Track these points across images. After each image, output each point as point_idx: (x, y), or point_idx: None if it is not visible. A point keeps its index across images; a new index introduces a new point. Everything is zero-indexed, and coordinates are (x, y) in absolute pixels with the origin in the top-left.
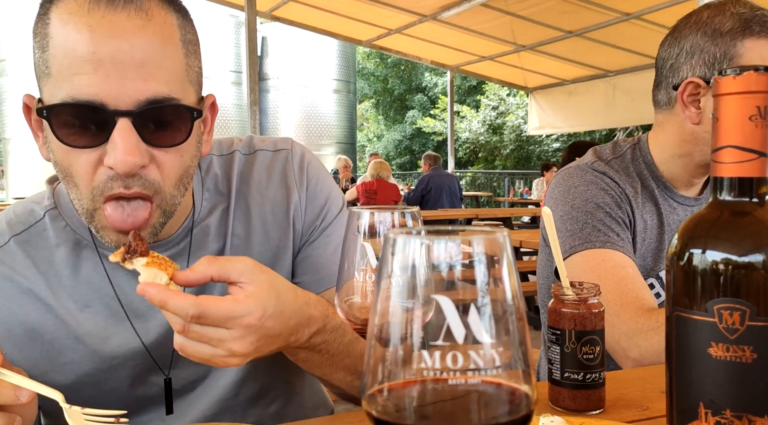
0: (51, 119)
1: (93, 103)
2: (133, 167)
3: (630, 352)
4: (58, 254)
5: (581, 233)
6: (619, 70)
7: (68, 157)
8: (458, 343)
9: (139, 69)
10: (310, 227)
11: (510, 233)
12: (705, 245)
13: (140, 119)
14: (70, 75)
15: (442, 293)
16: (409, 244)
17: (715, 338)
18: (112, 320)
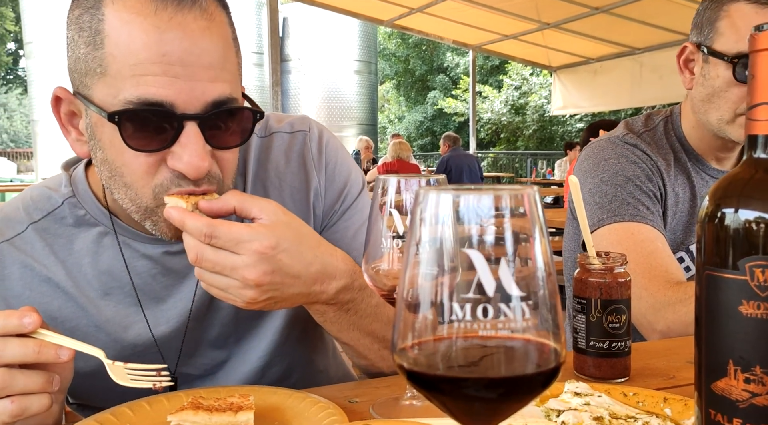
0: (121, 122)
1: (162, 106)
2: (204, 172)
3: (657, 325)
4: (77, 243)
5: (610, 206)
6: (646, 48)
7: (124, 157)
8: (488, 296)
9: (207, 71)
10: (329, 211)
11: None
12: (738, 203)
13: (206, 122)
14: (136, 76)
15: (472, 247)
16: (440, 200)
17: (746, 295)
18: (133, 308)
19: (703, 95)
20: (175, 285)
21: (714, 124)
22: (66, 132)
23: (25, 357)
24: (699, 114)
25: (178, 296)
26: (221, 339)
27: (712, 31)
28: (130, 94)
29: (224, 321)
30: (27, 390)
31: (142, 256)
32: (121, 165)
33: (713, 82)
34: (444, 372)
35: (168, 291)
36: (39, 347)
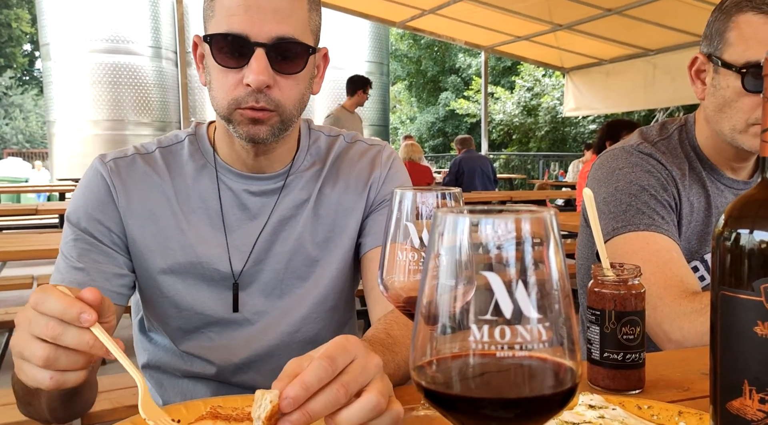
0: (212, 44)
1: (241, 36)
2: (263, 84)
3: (672, 335)
4: (187, 167)
5: (624, 215)
6: (659, 49)
7: (218, 76)
8: (506, 318)
9: (275, 14)
10: (381, 199)
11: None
12: (753, 225)
13: (271, 50)
14: (227, 16)
15: (490, 270)
16: (458, 223)
17: (761, 316)
18: (208, 228)
19: (715, 105)
20: (245, 221)
21: (727, 133)
22: (198, 68)
23: (79, 347)
24: (712, 124)
25: (245, 230)
26: (268, 288)
27: (721, 42)
28: (223, 28)
29: (276, 268)
30: (68, 368)
31: (227, 188)
32: (215, 82)
33: (724, 92)
34: (461, 391)
35: (239, 224)
36: (94, 342)
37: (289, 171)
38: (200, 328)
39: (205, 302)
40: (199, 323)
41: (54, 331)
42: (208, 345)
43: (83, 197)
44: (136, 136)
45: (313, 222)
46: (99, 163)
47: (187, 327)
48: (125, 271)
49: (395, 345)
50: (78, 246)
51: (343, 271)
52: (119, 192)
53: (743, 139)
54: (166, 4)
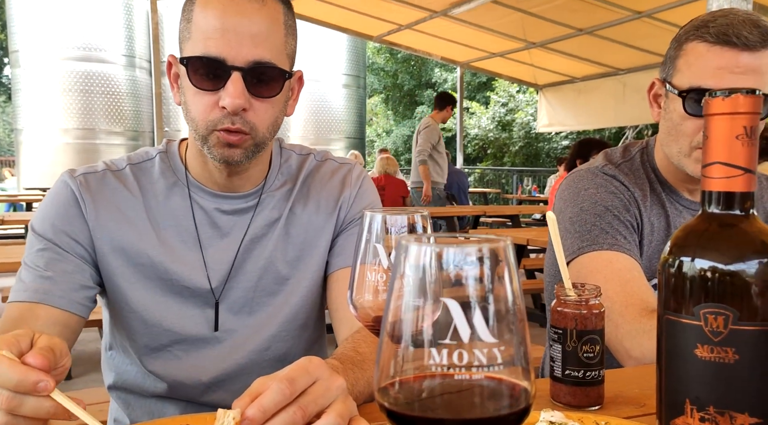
0: (188, 66)
1: (218, 59)
2: (239, 108)
3: (633, 351)
4: (158, 185)
5: (589, 234)
6: (629, 69)
7: (194, 98)
8: (464, 342)
9: (252, 38)
10: (350, 219)
11: (518, 232)
12: (694, 253)
13: (248, 74)
14: (204, 38)
15: (450, 296)
16: (420, 251)
17: (700, 340)
18: (180, 245)
19: (666, 129)
20: (216, 239)
21: (675, 156)
22: (172, 87)
23: (38, 415)
24: (664, 147)
25: (216, 248)
26: (237, 306)
27: (672, 68)
28: (200, 50)
29: (246, 286)
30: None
31: (199, 207)
32: (191, 103)
33: (672, 115)
34: (421, 413)
35: (210, 242)
36: (54, 408)
37: (261, 190)
38: (167, 346)
39: (174, 319)
40: (166, 340)
41: (11, 403)
42: (175, 363)
43: (51, 210)
44: (108, 145)
45: (284, 241)
46: (68, 177)
47: (154, 345)
48: (92, 284)
49: (364, 362)
50: (45, 256)
51: (313, 289)
52: (88, 206)
53: (687, 162)
54: (140, 13)
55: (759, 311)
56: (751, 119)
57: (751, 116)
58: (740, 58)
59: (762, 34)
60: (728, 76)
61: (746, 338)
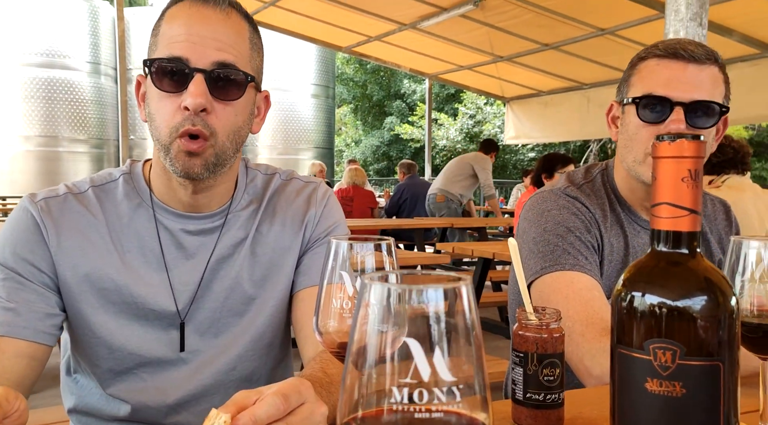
0: (152, 69)
1: (181, 59)
2: (200, 106)
3: (593, 370)
4: (122, 206)
5: (552, 255)
6: (593, 83)
7: (159, 104)
8: (425, 381)
9: (217, 42)
10: (316, 238)
11: (485, 245)
12: (644, 289)
13: (211, 76)
14: (169, 44)
15: (411, 336)
16: (382, 290)
17: (650, 374)
18: (145, 267)
19: (622, 142)
20: (182, 260)
21: (631, 167)
22: (139, 106)
23: None
24: (621, 160)
25: (182, 269)
26: (203, 327)
27: (626, 86)
28: (164, 54)
29: (212, 307)
30: None
31: (164, 227)
32: (155, 111)
33: (627, 127)
34: None
35: (176, 263)
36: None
37: (227, 210)
38: (132, 369)
39: (139, 342)
40: (131, 364)
41: None
42: (140, 386)
43: (11, 237)
44: (71, 153)
45: (250, 261)
46: (28, 202)
47: (118, 369)
48: (57, 311)
49: (332, 384)
50: (7, 285)
51: (279, 308)
52: (50, 232)
53: (641, 170)
54: (106, 19)
55: (704, 346)
56: (695, 162)
57: (695, 159)
58: (687, 69)
59: (707, 52)
60: (677, 84)
61: (692, 372)
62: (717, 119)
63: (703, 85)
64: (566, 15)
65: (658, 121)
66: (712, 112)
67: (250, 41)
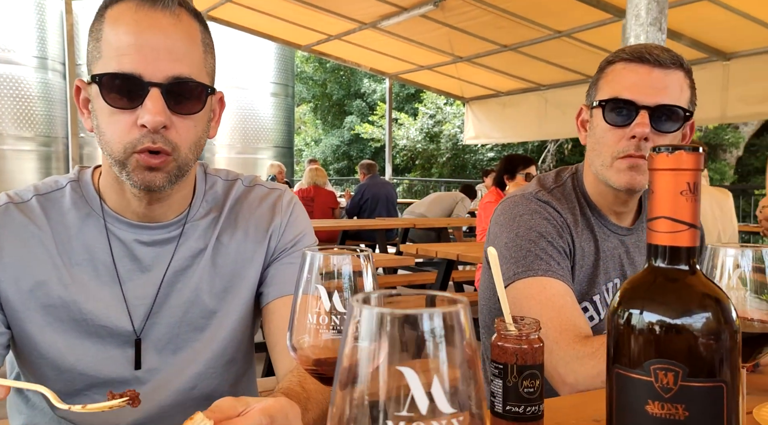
0: (101, 85)
1: (133, 75)
2: (159, 124)
3: (567, 378)
4: (69, 216)
5: (524, 260)
6: (550, 85)
7: (109, 119)
8: (422, 413)
9: (170, 54)
10: (282, 247)
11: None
12: (642, 306)
13: (167, 90)
14: (117, 56)
15: (406, 365)
16: (373, 316)
17: (651, 396)
18: (95, 282)
19: (591, 145)
20: (136, 273)
21: (599, 170)
22: (82, 114)
23: None
24: (590, 164)
25: (137, 282)
26: (161, 343)
27: (594, 90)
28: (113, 68)
29: (170, 322)
30: None
31: (116, 238)
32: (105, 125)
33: (595, 130)
34: None
35: (129, 276)
36: None
37: (185, 219)
38: (83, 390)
39: (91, 361)
40: (82, 385)
41: None
42: None
43: None
44: (16, 151)
45: (210, 273)
46: None
47: (68, 390)
48: (2, 329)
49: (309, 400)
50: None
51: (242, 322)
52: None
53: (609, 174)
54: (53, 13)
55: (707, 366)
56: (694, 175)
57: (694, 172)
58: (653, 73)
59: (672, 56)
60: (642, 88)
61: (695, 394)
62: (681, 123)
63: (669, 89)
64: (524, 17)
65: (623, 124)
66: (676, 116)
67: (203, 44)
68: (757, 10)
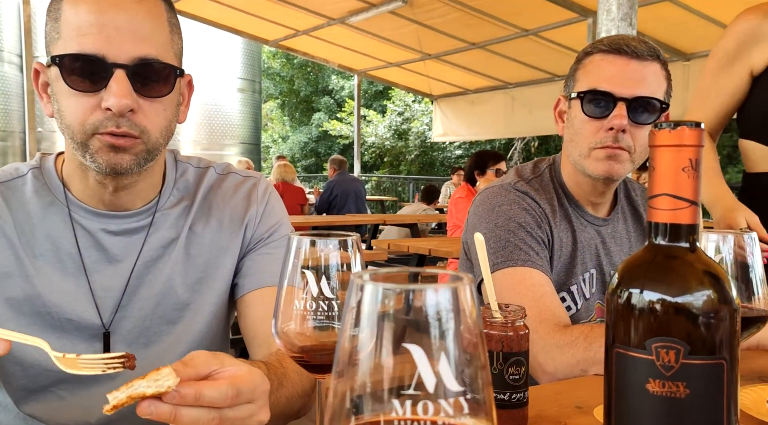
0: (62, 66)
1: (96, 56)
2: (126, 108)
3: (546, 366)
4: (31, 205)
5: (504, 251)
6: (517, 83)
7: (70, 102)
8: (429, 392)
9: (135, 33)
10: (258, 237)
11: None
12: (642, 285)
13: (133, 72)
14: (78, 36)
15: (412, 342)
16: (378, 291)
17: (652, 374)
18: (59, 274)
19: (569, 136)
20: (104, 264)
21: (577, 160)
22: (41, 98)
23: None
24: (568, 155)
25: (105, 274)
26: (131, 337)
27: (572, 80)
28: (73, 49)
29: (141, 315)
30: None
31: (82, 228)
32: (66, 109)
33: (573, 121)
34: None
35: (96, 267)
36: None
37: (155, 208)
38: (49, 387)
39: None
40: (47, 381)
41: None
42: (58, 404)
43: None
44: None
45: (183, 263)
46: None
47: (32, 386)
48: None
49: (286, 377)
50: None
51: (217, 314)
52: None
53: (587, 163)
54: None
55: (708, 344)
56: (696, 151)
57: (696, 148)
58: (630, 65)
59: (649, 48)
60: (620, 80)
61: (697, 372)
62: (658, 114)
63: (646, 81)
64: (492, 15)
65: (601, 116)
66: (653, 108)
67: (169, 23)
68: (716, 12)
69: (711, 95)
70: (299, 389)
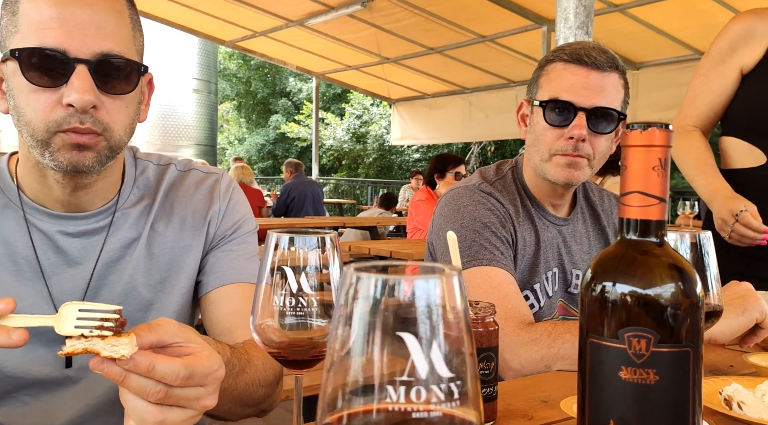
0: (21, 60)
1: (57, 51)
2: (88, 104)
3: (512, 363)
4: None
5: (470, 250)
6: (474, 88)
7: (30, 97)
8: (421, 378)
9: (97, 29)
10: (222, 234)
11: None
12: (615, 278)
13: (96, 67)
14: (38, 30)
15: (405, 330)
16: (372, 281)
17: (624, 362)
18: (14, 278)
19: (530, 141)
20: (62, 266)
21: (538, 165)
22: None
23: None
24: (529, 158)
25: (63, 277)
26: None
27: (535, 86)
28: (32, 43)
29: None
30: None
31: (38, 230)
32: (25, 105)
33: (535, 127)
34: None
35: (54, 270)
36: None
37: (114, 207)
38: (12, 392)
39: (17, 362)
40: (10, 386)
41: None
42: (22, 410)
43: None
44: None
45: (146, 263)
46: None
47: None
48: None
49: (250, 363)
50: None
51: (182, 313)
52: None
53: (547, 168)
54: None
55: (675, 333)
56: (665, 151)
57: (665, 148)
58: (590, 76)
59: (608, 58)
60: (580, 91)
61: (665, 359)
62: (616, 124)
63: (605, 91)
64: (450, 21)
65: (562, 124)
66: (611, 118)
67: (131, 20)
68: (663, 24)
69: (703, 93)
70: (262, 377)
